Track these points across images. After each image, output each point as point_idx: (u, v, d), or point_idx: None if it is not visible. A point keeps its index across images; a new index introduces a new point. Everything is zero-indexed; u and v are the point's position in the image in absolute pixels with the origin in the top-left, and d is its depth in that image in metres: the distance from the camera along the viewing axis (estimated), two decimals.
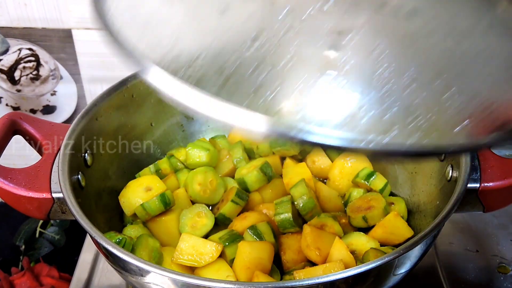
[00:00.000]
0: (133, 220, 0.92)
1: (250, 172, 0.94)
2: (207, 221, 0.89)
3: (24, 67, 1.19)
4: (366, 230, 0.88)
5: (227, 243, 0.83)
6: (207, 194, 0.93)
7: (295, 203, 0.88)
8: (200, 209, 0.90)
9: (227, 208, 0.90)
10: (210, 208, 0.94)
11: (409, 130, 0.46)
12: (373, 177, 0.94)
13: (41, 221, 1.30)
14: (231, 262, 0.82)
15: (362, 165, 0.97)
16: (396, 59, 0.50)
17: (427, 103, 0.48)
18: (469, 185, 0.77)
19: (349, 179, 0.97)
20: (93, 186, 0.88)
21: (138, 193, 0.89)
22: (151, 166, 0.98)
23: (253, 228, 0.85)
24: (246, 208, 0.93)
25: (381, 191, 0.93)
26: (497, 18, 0.57)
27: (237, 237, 0.84)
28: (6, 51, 1.17)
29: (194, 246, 0.82)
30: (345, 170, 0.98)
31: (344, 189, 0.97)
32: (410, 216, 0.91)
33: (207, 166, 0.96)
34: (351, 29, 0.51)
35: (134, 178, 0.96)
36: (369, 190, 0.94)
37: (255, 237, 0.84)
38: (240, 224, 0.88)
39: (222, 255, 0.83)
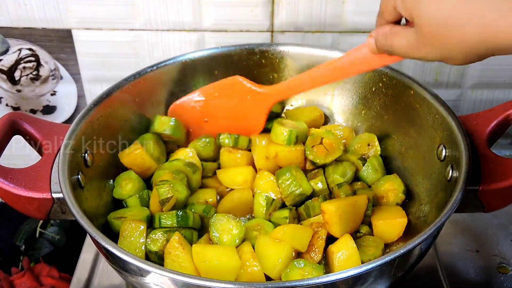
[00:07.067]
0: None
1: None
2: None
3: (24, 67, 1.19)
4: None
5: None
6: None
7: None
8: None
9: None
10: None
11: None
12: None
13: (41, 221, 1.30)
14: None
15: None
16: None
17: None
18: (469, 185, 0.77)
19: None
20: (93, 186, 0.88)
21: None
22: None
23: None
24: None
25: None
26: None
27: None
28: (6, 51, 1.17)
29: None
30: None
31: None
32: (410, 216, 0.91)
33: None
34: None
35: None
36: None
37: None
38: None
39: None
